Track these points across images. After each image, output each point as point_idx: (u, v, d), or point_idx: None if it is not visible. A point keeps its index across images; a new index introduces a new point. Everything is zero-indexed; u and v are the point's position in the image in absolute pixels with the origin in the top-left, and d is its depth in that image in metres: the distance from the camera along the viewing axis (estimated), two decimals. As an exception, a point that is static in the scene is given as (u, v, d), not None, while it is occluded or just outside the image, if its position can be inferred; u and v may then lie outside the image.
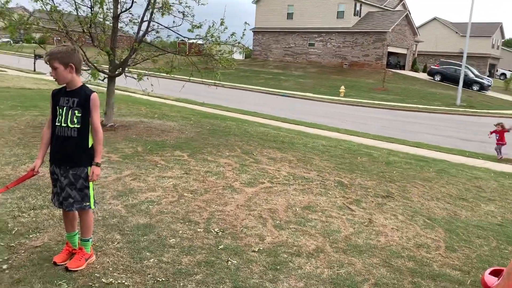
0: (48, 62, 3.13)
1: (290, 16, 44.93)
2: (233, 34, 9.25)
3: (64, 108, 3.19)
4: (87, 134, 3.25)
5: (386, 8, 44.37)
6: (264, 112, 16.42)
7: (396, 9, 45.91)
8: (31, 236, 3.83)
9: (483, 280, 2.08)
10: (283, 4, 45.01)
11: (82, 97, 3.20)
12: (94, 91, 3.28)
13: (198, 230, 4.32)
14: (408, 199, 6.25)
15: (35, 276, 3.18)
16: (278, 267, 3.72)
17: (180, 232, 4.23)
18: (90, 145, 3.27)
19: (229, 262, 3.72)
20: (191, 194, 5.46)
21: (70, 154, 3.22)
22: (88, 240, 3.44)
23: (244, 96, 24.34)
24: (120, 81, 10.07)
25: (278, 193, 5.86)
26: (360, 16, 41.79)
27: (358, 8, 41.55)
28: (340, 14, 41.45)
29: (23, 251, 3.54)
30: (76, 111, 3.18)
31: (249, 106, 18.08)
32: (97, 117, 3.25)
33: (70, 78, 3.17)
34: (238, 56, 39.35)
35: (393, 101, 26.98)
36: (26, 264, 3.33)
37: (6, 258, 3.40)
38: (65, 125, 3.18)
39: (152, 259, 3.61)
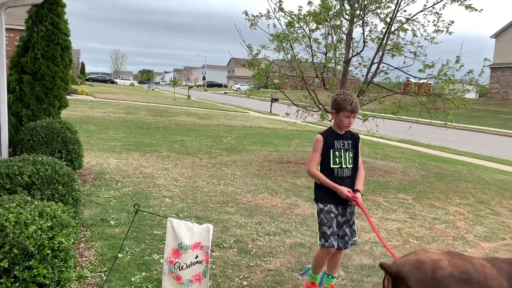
0: (356, 111, 3.30)
1: (540, 48, 38.74)
2: (470, 71, 8.55)
3: (341, 150, 3.35)
4: (356, 173, 3.41)
5: None
6: (503, 157, 14.36)
7: None
8: (265, 259, 4.25)
9: None
10: (530, 35, 39.21)
11: (354, 139, 3.42)
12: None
13: (426, 280, 4.01)
14: None
15: (269, 296, 3.50)
16: None
17: (405, 279, 4.01)
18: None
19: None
20: (416, 240, 5.16)
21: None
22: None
23: (476, 138, 21.89)
24: (346, 121, 10.45)
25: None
26: None
27: None
28: None
29: (259, 272, 3.95)
30: (350, 153, 3.37)
31: (483, 149, 16.12)
32: (360, 156, 3.47)
33: None
34: (470, 95, 35.87)
35: None
36: (262, 285, 3.70)
37: (246, 275, 3.85)
38: (345, 166, 3.34)
39: (376, 303, 3.52)
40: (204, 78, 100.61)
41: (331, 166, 3.32)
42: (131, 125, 15.24)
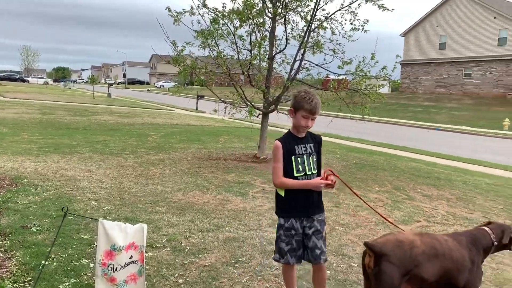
0: (315, 113, 3.02)
1: (442, 46, 42.47)
2: (384, 67, 9.16)
3: (304, 156, 3.05)
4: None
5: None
6: (414, 146, 15.57)
7: None
8: (200, 255, 4.25)
9: None
10: (434, 34, 42.89)
11: (315, 142, 3.14)
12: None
13: (352, 264, 4.27)
14: None
15: (205, 292, 3.52)
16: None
17: (334, 265, 4.24)
18: None
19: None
20: (342, 227, 5.45)
21: (317, 201, 3.10)
22: None
23: (391, 130, 23.48)
24: (272, 117, 10.69)
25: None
26: (526, 41, 37.39)
27: (523, 33, 37.28)
28: (502, 41, 37.68)
29: (194, 269, 3.95)
30: (314, 157, 3.09)
31: (397, 140, 17.37)
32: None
33: None
34: (384, 89, 38.34)
35: None
36: (198, 281, 3.71)
37: (181, 273, 3.83)
38: (309, 173, 3.04)
39: (308, 289, 3.68)
40: (124, 75, 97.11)
41: (295, 174, 3.00)
42: (48, 126, 14.33)
